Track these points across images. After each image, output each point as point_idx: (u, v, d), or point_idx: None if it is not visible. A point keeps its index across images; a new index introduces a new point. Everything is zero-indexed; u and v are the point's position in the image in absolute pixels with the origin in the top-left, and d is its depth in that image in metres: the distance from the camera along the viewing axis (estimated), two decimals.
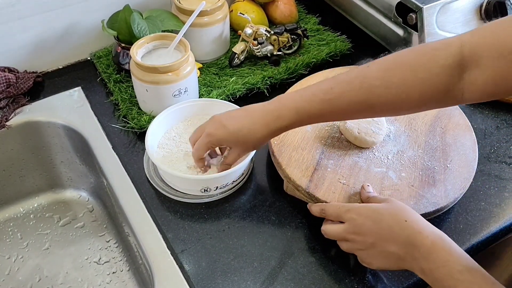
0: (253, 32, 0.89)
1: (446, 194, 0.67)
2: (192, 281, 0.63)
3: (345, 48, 0.96)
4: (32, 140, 0.86)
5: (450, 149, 0.73)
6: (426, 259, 0.53)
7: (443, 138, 0.75)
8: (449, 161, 0.72)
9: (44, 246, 0.87)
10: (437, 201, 0.66)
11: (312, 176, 0.69)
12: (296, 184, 0.68)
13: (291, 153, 0.72)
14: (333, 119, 0.71)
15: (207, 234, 0.68)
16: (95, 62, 0.93)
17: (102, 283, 0.83)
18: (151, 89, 0.78)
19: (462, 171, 0.70)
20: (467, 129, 0.77)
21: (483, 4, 0.85)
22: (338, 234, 0.61)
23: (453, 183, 0.69)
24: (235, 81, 0.87)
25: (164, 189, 0.73)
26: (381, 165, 0.71)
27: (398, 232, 0.56)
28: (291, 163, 0.70)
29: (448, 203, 0.67)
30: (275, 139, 0.73)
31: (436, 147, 0.74)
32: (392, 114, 0.71)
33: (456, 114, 0.79)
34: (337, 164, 0.71)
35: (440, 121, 0.78)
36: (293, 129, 0.71)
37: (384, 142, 0.74)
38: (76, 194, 0.94)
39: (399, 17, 0.86)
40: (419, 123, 0.77)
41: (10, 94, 0.85)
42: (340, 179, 0.69)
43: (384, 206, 0.59)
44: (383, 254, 0.57)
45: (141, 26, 0.82)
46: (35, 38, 0.88)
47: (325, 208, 0.63)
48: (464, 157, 0.72)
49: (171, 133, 0.77)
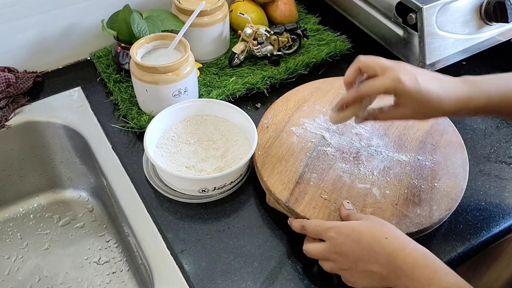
0: (253, 32, 0.89)
1: (430, 214, 0.65)
2: (192, 281, 0.63)
3: (345, 48, 0.96)
4: (31, 140, 0.86)
5: (439, 168, 0.71)
6: (410, 278, 0.51)
7: (433, 156, 0.72)
8: (437, 180, 0.69)
9: (44, 246, 0.87)
10: (421, 222, 0.64)
11: (293, 189, 0.67)
12: (276, 197, 0.66)
13: (274, 164, 0.70)
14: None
15: (207, 234, 0.68)
16: (95, 62, 0.93)
17: (102, 283, 0.83)
18: (151, 89, 0.78)
19: (449, 191, 0.68)
20: (459, 147, 0.74)
21: (483, 4, 0.84)
22: (319, 254, 0.59)
23: (439, 203, 0.66)
24: (235, 81, 0.87)
25: (163, 189, 0.73)
26: (365, 181, 0.69)
27: (378, 251, 0.54)
28: (273, 175, 0.69)
29: (432, 224, 0.64)
30: (260, 149, 0.72)
31: (425, 165, 0.71)
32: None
33: (449, 130, 0.76)
34: (320, 178, 0.69)
35: (432, 137, 0.75)
36: (279, 140, 0.70)
37: (371, 157, 0.72)
38: (76, 194, 0.94)
39: (399, 17, 0.86)
40: (410, 139, 0.75)
41: (10, 94, 0.85)
42: (322, 194, 0.67)
43: (364, 223, 0.57)
44: (366, 273, 0.55)
45: (141, 26, 0.82)
46: (35, 38, 0.88)
47: (305, 225, 0.61)
48: (454, 177, 0.69)
49: (170, 133, 0.77)
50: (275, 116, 0.77)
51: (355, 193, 0.67)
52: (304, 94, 0.81)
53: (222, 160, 0.73)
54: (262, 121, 0.76)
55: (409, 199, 0.67)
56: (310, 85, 0.83)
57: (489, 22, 0.86)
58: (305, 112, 0.79)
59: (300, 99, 0.81)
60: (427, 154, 0.73)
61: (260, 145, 0.73)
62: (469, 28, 0.86)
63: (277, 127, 0.76)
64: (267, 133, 0.75)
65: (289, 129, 0.76)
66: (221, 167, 0.72)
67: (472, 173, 0.74)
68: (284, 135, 0.75)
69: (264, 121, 0.77)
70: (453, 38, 0.85)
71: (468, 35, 0.86)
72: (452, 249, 0.66)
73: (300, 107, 0.79)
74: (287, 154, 0.72)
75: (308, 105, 0.80)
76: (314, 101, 0.80)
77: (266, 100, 0.87)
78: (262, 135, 0.74)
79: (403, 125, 0.77)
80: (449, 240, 0.67)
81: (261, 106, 0.86)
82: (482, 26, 0.87)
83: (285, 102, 0.80)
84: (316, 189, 0.67)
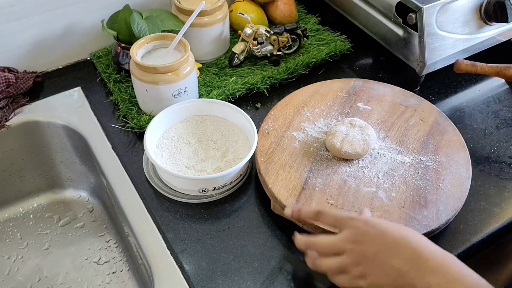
0: (253, 32, 0.89)
1: (437, 216, 0.65)
2: (192, 281, 0.63)
3: (345, 48, 0.96)
4: (31, 140, 0.86)
5: (443, 168, 0.70)
6: (435, 273, 0.49)
7: (435, 156, 0.72)
8: (441, 180, 0.69)
9: (44, 246, 0.87)
10: (428, 223, 0.64)
11: (299, 196, 0.66)
12: (282, 204, 0.66)
13: (278, 171, 0.70)
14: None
15: (207, 234, 0.68)
16: (95, 62, 0.93)
17: (102, 283, 0.83)
18: (151, 89, 0.78)
19: (454, 191, 0.67)
20: (460, 146, 0.74)
21: (483, 4, 0.85)
22: (332, 245, 0.55)
23: (445, 204, 0.66)
24: (235, 81, 0.87)
25: (163, 189, 0.73)
26: (371, 184, 0.68)
27: (404, 246, 0.52)
28: (278, 181, 0.68)
29: (440, 225, 0.64)
30: (262, 156, 0.71)
31: (428, 166, 0.71)
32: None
33: (450, 130, 0.76)
34: (326, 183, 0.68)
35: (433, 137, 0.75)
36: (281, 146, 0.69)
37: (375, 159, 0.72)
38: (76, 194, 0.94)
39: (399, 17, 0.86)
40: (411, 140, 0.74)
41: (10, 94, 0.85)
42: (328, 199, 0.66)
43: (389, 221, 0.56)
44: (383, 267, 0.52)
45: (141, 26, 0.82)
46: (35, 38, 0.88)
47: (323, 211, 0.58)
48: (457, 176, 0.69)
49: (170, 133, 0.77)
50: (275, 122, 0.77)
51: (361, 197, 0.67)
52: (303, 98, 0.81)
53: (222, 160, 0.73)
54: (263, 127, 0.76)
55: (415, 200, 0.66)
56: (308, 89, 0.83)
57: (489, 22, 0.86)
58: (305, 116, 0.78)
59: (299, 103, 0.80)
60: (429, 155, 0.72)
61: (262, 152, 0.72)
62: (469, 28, 0.86)
63: (278, 132, 0.75)
64: (268, 139, 0.74)
65: (290, 134, 0.75)
66: (221, 167, 0.72)
67: (472, 173, 0.74)
68: (286, 140, 0.74)
69: (264, 127, 0.76)
70: (453, 38, 0.85)
71: (468, 35, 0.86)
72: (452, 249, 0.66)
73: (300, 111, 0.79)
74: (290, 160, 0.71)
75: (308, 109, 0.79)
76: (313, 104, 0.80)
77: (266, 100, 0.87)
78: (263, 141, 0.74)
79: (403, 126, 0.77)
80: (449, 240, 0.67)
81: (261, 106, 0.86)
82: (482, 26, 0.87)
83: (284, 107, 0.80)
84: (322, 194, 0.67)
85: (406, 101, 0.81)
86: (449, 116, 0.80)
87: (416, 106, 0.80)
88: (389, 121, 0.78)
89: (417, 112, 0.79)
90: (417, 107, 0.80)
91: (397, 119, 0.78)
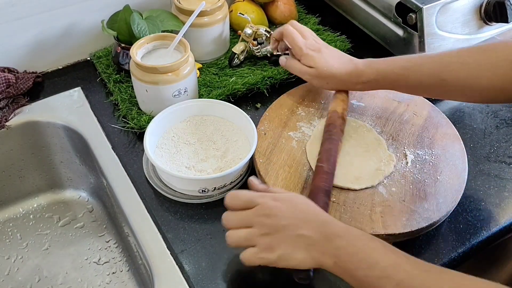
0: (253, 32, 0.89)
1: (438, 208, 0.65)
2: (192, 281, 0.63)
3: (345, 48, 0.96)
4: (31, 140, 0.86)
5: (439, 160, 0.71)
6: (342, 237, 0.53)
7: (431, 149, 0.73)
8: (439, 173, 0.70)
9: (44, 247, 0.87)
10: (430, 216, 0.64)
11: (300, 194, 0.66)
12: None
13: (277, 171, 0.70)
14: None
15: (207, 234, 0.68)
16: (94, 62, 0.93)
17: (101, 283, 0.83)
18: (151, 89, 0.78)
19: (453, 183, 0.68)
20: (455, 138, 0.75)
21: (483, 4, 0.85)
22: (244, 217, 0.57)
23: (445, 196, 0.67)
24: (235, 81, 0.87)
25: (163, 189, 0.73)
26: None
27: (312, 218, 0.55)
28: (278, 182, 0.68)
29: (441, 217, 0.65)
30: (261, 157, 0.72)
31: (425, 159, 0.72)
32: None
33: (443, 123, 0.77)
34: None
35: (428, 131, 0.76)
36: (278, 146, 0.71)
37: None
38: (76, 194, 0.94)
39: (399, 17, 0.86)
40: (406, 134, 0.75)
41: (10, 94, 0.85)
42: None
43: (297, 195, 0.59)
44: (293, 238, 0.54)
45: (141, 26, 0.82)
46: (34, 38, 0.88)
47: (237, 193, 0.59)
48: (454, 168, 0.70)
49: (170, 133, 0.77)
50: (271, 122, 0.77)
51: (361, 193, 0.67)
52: (296, 98, 0.81)
53: (222, 160, 0.73)
54: (259, 128, 0.76)
55: (415, 194, 0.67)
56: (301, 88, 0.83)
57: (489, 22, 0.86)
58: (301, 115, 0.79)
59: (293, 103, 0.80)
60: (425, 148, 0.73)
61: (261, 153, 0.72)
62: (469, 28, 0.86)
63: (274, 133, 0.76)
64: (266, 140, 0.74)
65: (287, 134, 0.76)
66: (221, 167, 0.72)
67: (472, 173, 0.74)
68: (283, 140, 0.75)
69: (261, 128, 0.76)
70: (453, 38, 0.85)
71: (468, 35, 0.86)
72: (452, 249, 0.66)
73: (295, 111, 0.79)
74: (289, 160, 0.72)
75: (302, 109, 0.80)
76: (307, 104, 0.81)
77: (266, 100, 0.87)
78: (261, 142, 0.74)
79: (398, 121, 0.78)
80: (449, 240, 0.67)
81: (261, 106, 0.86)
82: (482, 26, 0.87)
83: (278, 108, 0.80)
84: None
85: (399, 96, 0.82)
86: (449, 116, 0.80)
87: (408, 100, 0.81)
88: (384, 117, 0.79)
89: (410, 106, 0.80)
90: (410, 102, 0.81)
91: (391, 114, 0.79)
